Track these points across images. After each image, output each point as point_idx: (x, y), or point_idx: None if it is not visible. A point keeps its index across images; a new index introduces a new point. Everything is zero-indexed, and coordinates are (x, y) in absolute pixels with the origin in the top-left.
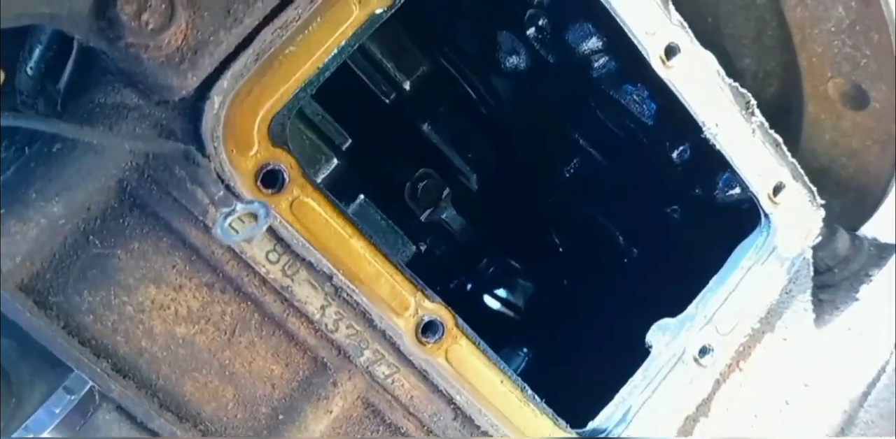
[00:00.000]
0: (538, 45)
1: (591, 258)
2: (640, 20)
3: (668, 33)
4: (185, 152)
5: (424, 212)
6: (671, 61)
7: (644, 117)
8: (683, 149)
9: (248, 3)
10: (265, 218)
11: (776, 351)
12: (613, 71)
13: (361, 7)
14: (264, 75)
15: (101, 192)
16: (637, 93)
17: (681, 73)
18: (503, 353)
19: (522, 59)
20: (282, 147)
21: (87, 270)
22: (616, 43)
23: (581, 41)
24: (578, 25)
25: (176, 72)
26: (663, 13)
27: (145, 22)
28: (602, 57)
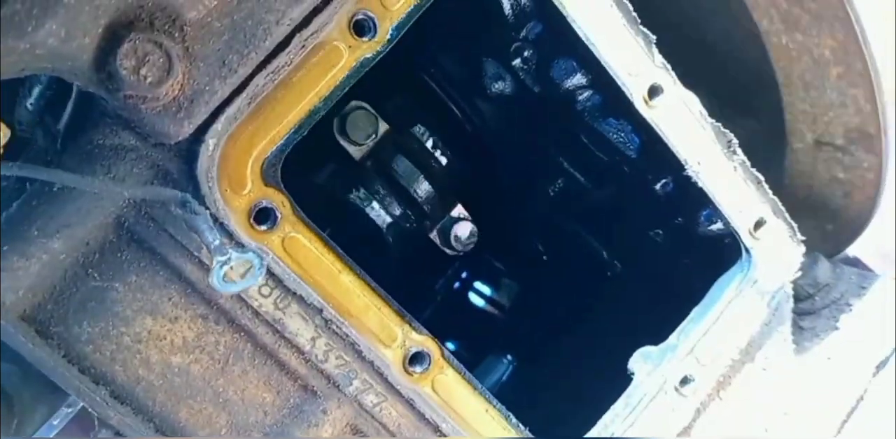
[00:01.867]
0: (523, 75)
1: (575, 269)
2: (623, 62)
3: (651, 74)
4: (182, 201)
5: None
6: (654, 101)
7: (628, 150)
8: (666, 182)
9: (242, 54)
10: (259, 268)
11: (756, 380)
12: (597, 105)
13: (351, 52)
14: (257, 118)
15: (100, 229)
16: (621, 127)
17: (663, 113)
18: (488, 360)
19: (508, 85)
20: (274, 186)
21: (87, 302)
22: (600, 80)
23: (565, 77)
24: (563, 62)
25: (172, 120)
26: (646, 55)
27: (144, 76)
28: (586, 91)
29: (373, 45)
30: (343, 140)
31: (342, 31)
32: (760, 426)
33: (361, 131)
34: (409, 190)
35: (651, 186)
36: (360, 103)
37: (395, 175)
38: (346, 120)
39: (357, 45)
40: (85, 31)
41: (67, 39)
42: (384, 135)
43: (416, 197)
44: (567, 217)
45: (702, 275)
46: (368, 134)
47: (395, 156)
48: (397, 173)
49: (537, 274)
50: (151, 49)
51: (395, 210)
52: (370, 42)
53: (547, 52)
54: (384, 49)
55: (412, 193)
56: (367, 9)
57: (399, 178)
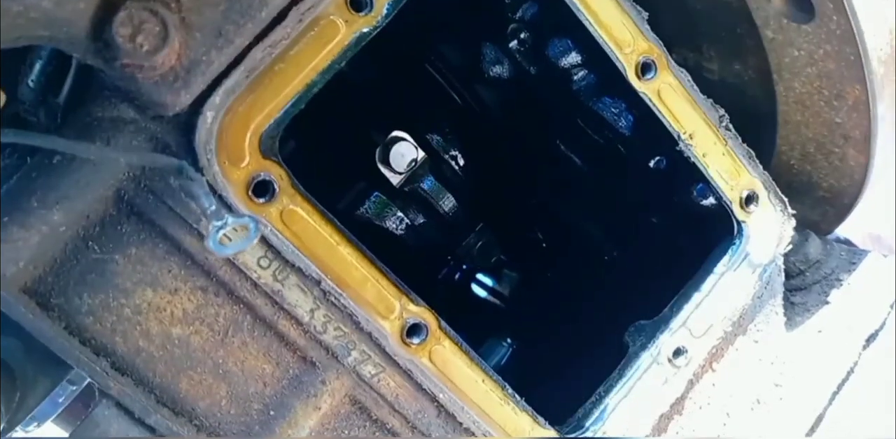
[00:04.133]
0: (520, 57)
1: (573, 255)
2: (616, 38)
3: (643, 50)
4: (178, 167)
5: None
6: (646, 76)
7: (622, 128)
8: (660, 159)
9: (238, 24)
10: (255, 231)
11: (748, 352)
12: (592, 84)
13: (348, 26)
14: (255, 92)
15: (100, 201)
16: (615, 105)
17: (655, 88)
18: (488, 343)
19: (506, 69)
20: (272, 159)
21: (87, 274)
22: (594, 58)
23: (561, 56)
24: (558, 41)
25: (169, 90)
26: (639, 31)
27: (140, 44)
28: (581, 70)
29: (369, 20)
30: (385, 168)
31: (339, 6)
32: (752, 397)
33: (403, 161)
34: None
35: (645, 164)
36: (402, 134)
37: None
38: (389, 150)
39: (354, 20)
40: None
41: (62, 3)
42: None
43: (441, 210)
44: (565, 202)
45: (695, 254)
46: (409, 163)
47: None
48: (425, 191)
49: (537, 261)
50: (147, 17)
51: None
52: (367, 17)
53: (543, 32)
54: (381, 24)
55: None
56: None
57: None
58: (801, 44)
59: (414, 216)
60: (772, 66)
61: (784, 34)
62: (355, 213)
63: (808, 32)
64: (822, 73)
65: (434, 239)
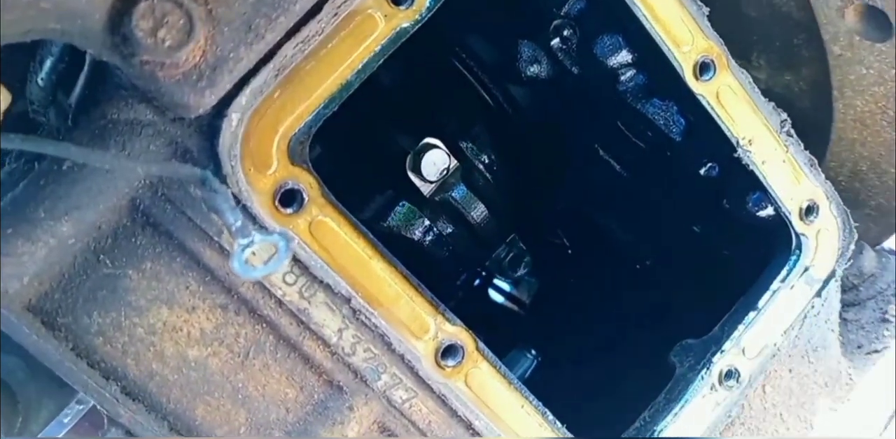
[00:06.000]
0: (562, 55)
1: (603, 262)
2: (674, 35)
3: (702, 48)
4: (201, 178)
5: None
6: (705, 77)
7: (672, 133)
8: (712, 165)
9: (270, 17)
10: (285, 251)
11: (802, 373)
12: (641, 85)
13: (387, 21)
14: (284, 92)
15: (113, 211)
16: (665, 107)
17: (714, 90)
18: (511, 355)
19: (544, 68)
20: (301, 165)
21: (98, 291)
22: (647, 57)
23: (610, 54)
24: (608, 38)
25: (193, 90)
26: (698, 28)
27: (162, 39)
28: (630, 70)
29: (410, 14)
30: (415, 177)
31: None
32: (806, 422)
33: (435, 169)
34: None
35: (695, 171)
36: (434, 141)
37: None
38: (420, 158)
39: (393, 14)
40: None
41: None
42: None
43: (472, 221)
44: (596, 207)
45: (744, 266)
46: (440, 171)
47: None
48: (456, 200)
49: (561, 266)
50: (171, 9)
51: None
52: (407, 10)
53: (590, 28)
54: (422, 18)
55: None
56: None
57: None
58: (872, 62)
59: (443, 226)
60: (833, 81)
61: (853, 51)
62: (381, 223)
63: (882, 51)
64: (889, 94)
65: (463, 250)
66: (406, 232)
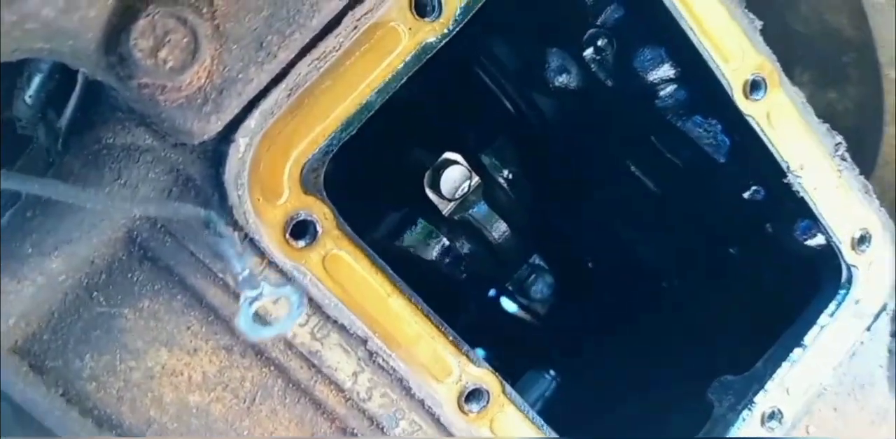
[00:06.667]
0: (595, 66)
1: (626, 281)
2: (723, 50)
3: (753, 65)
4: (205, 220)
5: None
6: (755, 96)
7: (714, 153)
8: (757, 189)
9: (283, 34)
10: (298, 307)
11: (848, 412)
12: (682, 101)
13: (412, 35)
14: (298, 114)
15: (108, 244)
16: (707, 126)
17: (765, 111)
18: (528, 376)
19: (573, 78)
20: (315, 194)
21: (90, 331)
22: (691, 72)
23: (650, 68)
24: (649, 51)
25: (197, 115)
26: (750, 43)
27: (163, 60)
28: (671, 85)
29: (437, 27)
30: (433, 194)
31: (402, 10)
32: None
33: (454, 187)
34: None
35: (737, 193)
36: (454, 157)
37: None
38: (439, 175)
39: (419, 27)
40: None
41: (68, 10)
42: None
43: (493, 240)
44: (625, 224)
45: (786, 293)
46: (461, 189)
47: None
48: (476, 219)
49: (584, 284)
50: (174, 26)
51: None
52: (434, 23)
53: (629, 40)
54: (450, 32)
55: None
56: None
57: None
58: None
59: (461, 245)
60: (886, 105)
61: None
62: (395, 242)
63: None
64: None
65: (482, 270)
66: (422, 251)
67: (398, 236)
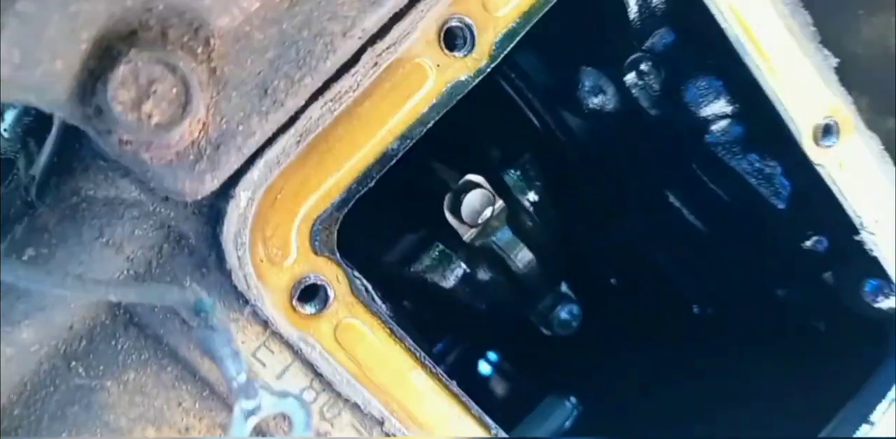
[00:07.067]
0: (637, 92)
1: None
2: (792, 90)
3: (826, 107)
4: (195, 308)
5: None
6: (826, 142)
7: (771, 196)
8: (819, 240)
9: (292, 79)
10: (304, 426)
11: None
12: (738, 138)
13: (440, 72)
14: (308, 163)
15: (89, 308)
16: (765, 165)
17: (837, 159)
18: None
19: (610, 101)
20: (326, 255)
21: (67, 406)
22: (752, 111)
23: (703, 103)
24: (703, 83)
25: (189, 174)
26: (823, 83)
27: (147, 114)
28: (724, 121)
29: (469, 64)
30: (454, 219)
31: (429, 44)
32: None
33: (477, 212)
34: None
35: (796, 241)
36: (476, 179)
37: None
38: (460, 199)
39: (448, 63)
40: (54, 51)
41: (25, 66)
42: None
43: (516, 269)
44: (657, 251)
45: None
46: (483, 215)
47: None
48: (498, 246)
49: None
50: (160, 74)
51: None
52: (466, 58)
53: (678, 68)
54: (485, 69)
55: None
56: (462, 14)
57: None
58: None
59: (482, 273)
60: None
61: None
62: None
63: None
64: None
65: (504, 300)
66: (438, 279)
67: (413, 262)
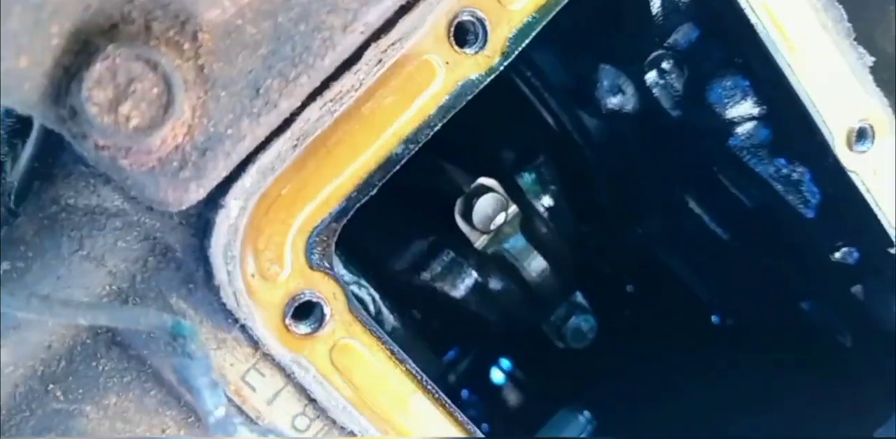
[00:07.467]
0: (658, 91)
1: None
2: (824, 91)
3: (861, 110)
4: (172, 332)
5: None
6: (860, 147)
7: (799, 203)
8: (849, 251)
9: (287, 78)
10: None
11: None
12: (763, 141)
13: (449, 70)
14: (305, 169)
15: (67, 326)
16: (793, 172)
17: (871, 166)
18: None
19: (629, 101)
20: (323, 270)
21: (44, 432)
22: (781, 113)
23: (728, 104)
24: (729, 83)
25: (172, 182)
26: (858, 83)
27: (125, 116)
28: (750, 123)
29: (480, 61)
30: (465, 225)
31: (438, 40)
32: None
33: (489, 218)
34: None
35: (824, 252)
36: (489, 183)
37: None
38: (472, 204)
39: (458, 61)
40: (17, 46)
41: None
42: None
43: (529, 278)
44: (675, 257)
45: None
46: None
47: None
48: (510, 253)
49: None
50: (140, 72)
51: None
52: (477, 56)
53: (702, 66)
54: (497, 67)
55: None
56: (475, 7)
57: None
58: None
59: (494, 282)
60: None
61: None
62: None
63: None
64: None
65: (516, 311)
66: (448, 288)
67: (422, 270)
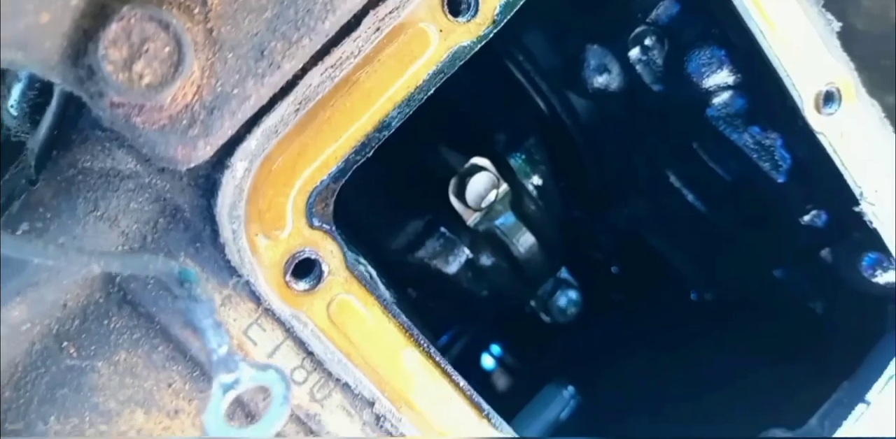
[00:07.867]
0: (641, 67)
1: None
2: (794, 56)
3: (828, 73)
4: (179, 277)
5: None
6: (828, 110)
7: (771, 169)
8: (818, 213)
9: (290, 40)
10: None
11: None
12: (739, 110)
13: (443, 37)
14: (306, 132)
15: (82, 285)
16: (766, 138)
17: (838, 127)
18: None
19: (614, 79)
20: (322, 229)
21: (57, 388)
22: (754, 80)
23: (705, 74)
24: (705, 54)
25: (182, 139)
26: (825, 48)
27: (139, 74)
28: (727, 92)
29: (472, 29)
30: (458, 203)
31: (432, 9)
32: None
33: (481, 196)
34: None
35: (794, 216)
36: (482, 162)
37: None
38: (465, 183)
39: (451, 28)
40: (40, 3)
41: (7, 16)
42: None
43: (517, 254)
44: (659, 238)
45: (839, 327)
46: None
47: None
48: (501, 230)
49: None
50: (153, 32)
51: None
52: (468, 24)
53: (683, 41)
54: (487, 34)
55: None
56: None
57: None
58: None
59: (484, 259)
60: None
61: None
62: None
63: None
64: None
65: (505, 286)
66: (442, 264)
67: (417, 247)
